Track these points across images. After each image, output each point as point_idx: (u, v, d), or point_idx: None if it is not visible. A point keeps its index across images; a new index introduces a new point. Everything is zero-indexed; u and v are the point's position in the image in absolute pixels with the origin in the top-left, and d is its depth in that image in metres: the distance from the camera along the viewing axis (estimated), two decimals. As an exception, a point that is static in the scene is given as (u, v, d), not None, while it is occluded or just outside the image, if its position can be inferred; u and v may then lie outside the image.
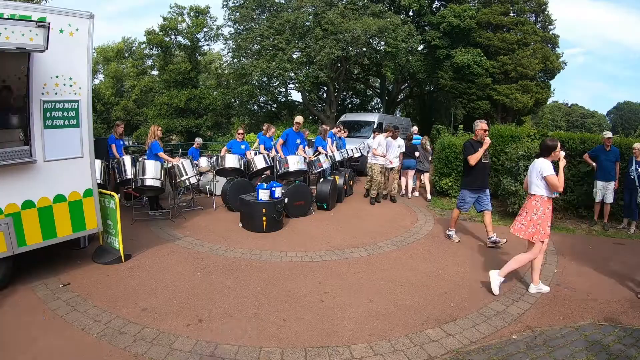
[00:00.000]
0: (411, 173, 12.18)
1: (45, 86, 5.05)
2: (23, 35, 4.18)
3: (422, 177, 12.28)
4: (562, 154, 5.08)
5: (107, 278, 5.46)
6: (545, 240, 4.97)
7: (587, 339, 3.90)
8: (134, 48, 42.07)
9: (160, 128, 9.41)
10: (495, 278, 5.12)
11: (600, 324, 4.27)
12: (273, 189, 7.93)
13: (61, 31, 5.09)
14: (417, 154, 11.97)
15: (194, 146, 12.08)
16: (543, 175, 4.88)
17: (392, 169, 11.49)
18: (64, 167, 5.34)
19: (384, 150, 10.77)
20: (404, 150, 11.68)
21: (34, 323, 4.23)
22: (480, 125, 7.16)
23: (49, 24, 4.38)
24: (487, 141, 7.00)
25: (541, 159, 5.02)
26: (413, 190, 12.47)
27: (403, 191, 12.25)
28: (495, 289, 5.07)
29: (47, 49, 4.39)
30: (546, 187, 4.91)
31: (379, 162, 10.72)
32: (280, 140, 9.99)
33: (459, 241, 7.48)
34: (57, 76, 5.15)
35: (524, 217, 5.03)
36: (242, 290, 5.13)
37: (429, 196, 11.71)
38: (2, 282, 4.99)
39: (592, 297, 5.02)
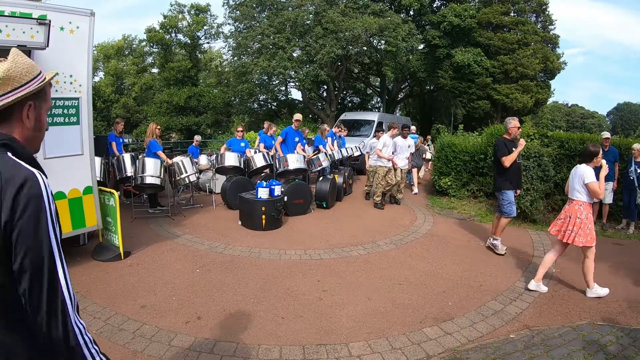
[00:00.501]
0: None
1: (46, 83, 5.04)
2: (24, 32, 4.20)
3: (413, 171, 13.17)
4: (604, 161, 5.07)
5: (107, 275, 5.47)
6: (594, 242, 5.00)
7: (585, 338, 3.91)
8: (134, 45, 42.01)
9: (159, 126, 9.40)
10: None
11: (598, 323, 4.28)
12: (272, 187, 7.95)
13: (62, 29, 5.10)
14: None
15: (193, 144, 12.09)
16: (585, 182, 4.88)
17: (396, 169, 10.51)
18: (64, 165, 5.34)
19: (390, 151, 10.16)
20: (413, 150, 11.63)
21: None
22: (513, 122, 6.70)
23: (50, 21, 4.39)
24: (522, 143, 6.56)
25: (583, 165, 5.04)
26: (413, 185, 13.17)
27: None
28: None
29: (47, 46, 4.40)
30: (587, 193, 4.93)
31: (384, 165, 10.07)
32: (280, 139, 10.00)
33: (505, 253, 6.74)
34: (57, 73, 5.14)
35: (571, 223, 5.00)
36: (241, 288, 5.14)
37: (415, 190, 12.85)
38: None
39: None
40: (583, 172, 4.94)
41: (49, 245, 1.39)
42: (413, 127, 16.55)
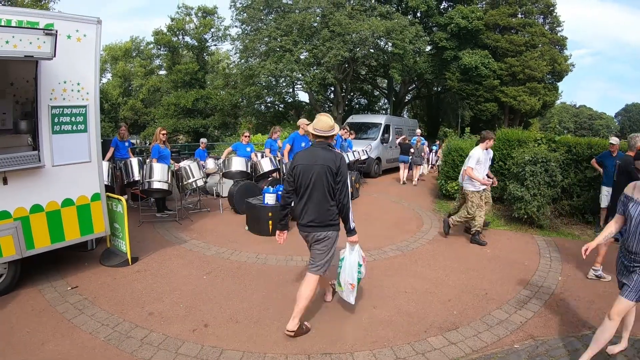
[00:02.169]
0: (406, 165, 15.82)
1: (53, 92, 5.11)
2: (31, 43, 4.23)
3: (414, 168, 16.00)
4: None
5: (114, 281, 5.53)
6: None
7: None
8: (141, 47, 42.29)
9: (164, 131, 9.42)
10: None
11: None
12: (279, 193, 7.97)
13: (69, 37, 5.15)
14: (412, 150, 15.52)
15: (200, 147, 12.14)
16: None
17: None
18: (72, 172, 5.39)
19: (483, 172, 7.73)
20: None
21: (43, 326, 4.28)
22: None
23: (56, 31, 4.42)
24: None
25: None
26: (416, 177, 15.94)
27: (404, 180, 15.79)
28: None
29: (54, 56, 4.43)
30: None
31: (477, 189, 7.58)
32: (288, 146, 9.99)
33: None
34: (65, 82, 5.20)
35: None
36: (247, 295, 5.18)
37: (414, 182, 15.80)
38: (10, 284, 5.06)
39: (596, 305, 4.99)
40: None
41: (346, 176, 4.10)
42: (418, 131, 17.09)
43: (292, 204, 4.42)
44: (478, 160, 7.47)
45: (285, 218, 4.50)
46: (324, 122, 4.20)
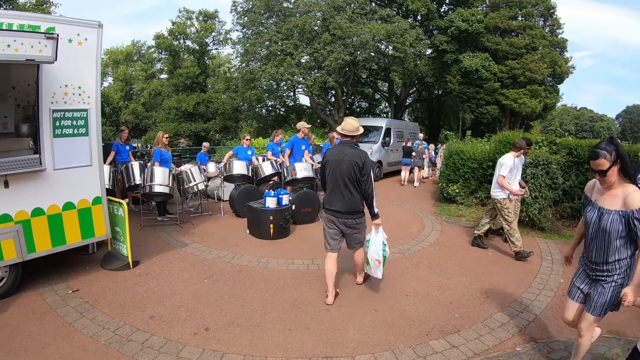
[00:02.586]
0: (408, 167, 16.52)
1: (55, 95, 5.12)
2: (32, 47, 4.24)
3: (416, 170, 16.57)
4: None
5: (115, 285, 5.52)
6: None
7: (591, 352, 3.86)
8: (143, 51, 42.40)
9: (166, 135, 9.44)
10: None
11: (605, 336, 4.22)
12: (280, 196, 7.98)
13: (70, 41, 5.16)
14: (413, 154, 16.25)
15: (201, 151, 12.15)
16: None
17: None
18: (73, 176, 5.40)
19: (515, 180, 7.22)
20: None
21: (43, 329, 4.28)
22: None
23: (58, 35, 4.43)
24: None
25: None
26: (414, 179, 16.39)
27: (405, 182, 16.45)
28: None
29: (56, 60, 4.44)
30: None
31: (505, 196, 7.09)
32: (287, 150, 10.01)
33: None
34: (66, 85, 5.22)
35: None
36: (248, 299, 5.17)
37: (416, 183, 16.27)
38: (11, 287, 5.07)
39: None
40: None
41: (370, 169, 4.82)
42: (421, 135, 17.48)
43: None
44: (510, 169, 6.98)
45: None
46: (350, 124, 4.98)
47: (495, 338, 4.24)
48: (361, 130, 5.11)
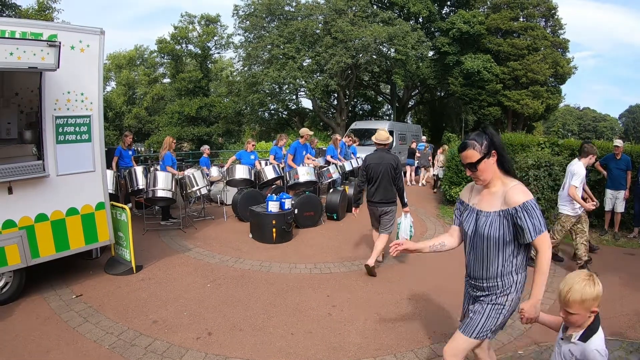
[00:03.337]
0: (412, 168, 17.31)
1: (57, 102, 5.16)
2: (35, 54, 4.27)
3: (421, 170, 17.27)
4: None
5: (119, 289, 5.55)
6: None
7: (594, 354, 3.88)
8: (145, 56, 42.52)
9: (174, 140, 9.54)
10: None
11: (607, 338, 4.19)
12: (283, 200, 7.99)
13: (72, 48, 5.19)
14: (418, 155, 17.05)
15: (204, 155, 12.19)
16: None
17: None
18: (76, 181, 5.43)
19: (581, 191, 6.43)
20: None
21: (47, 334, 4.31)
22: None
23: (60, 43, 4.47)
24: None
25: None
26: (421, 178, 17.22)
27: (412, 183, 17.08)
28: None
29: (58, 67, 4.47)
30: None
31: (574, 214, 6.42)
32: (290, 156, 10.05)
33: None
34: (68, 92, 5.25)
35: None
36: (251, 303, 5.19)
37: (422, 182, 17.07)
38: (16, 292, 5.10)
39: (600, 310, 4.95)
40: None
41: (401, 169, 6.30)
42: (423, 137, 17.71)
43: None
44: (582, 179, 6.24)
45: (360, 199, 6.66)
46: (382, 135, 6.42)
47: (497, 341, 4.21)
48: (390, 139, 6.80)
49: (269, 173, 10.17)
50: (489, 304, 2.66)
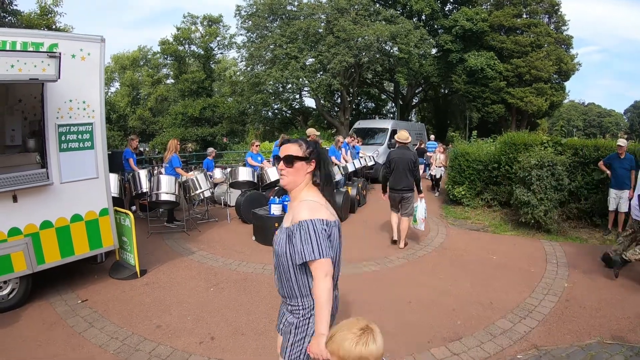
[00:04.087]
0: (422, 167, 15.54)
1: (60, 110, 5.22)
2: (35, 66, 4.32)
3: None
4: None
5: (123, 294, 5.61)
6: None
7: (593, 358, 3.90)
8: (149, 56, 42.62)
9: (179, 142, 9.63)
10: None
11: (607, 342, 4.23)
12: (285, 203, 8.03)
13: (73, 56, 5.24)
14: (429, 154, 16.86)
15: (208, 157, 12.26)
16: None
17: None
18: (80, 188, 5.49)
19: None
20: None
21: (54, 339, 4.37)
22: None
23: (60, 53, 4.52)
24: None
25: None
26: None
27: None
28: None
29: (59, 78, 4.52)
30: None
31: None
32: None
33: None
34: (70, 100, 5.31)
35: None
36: (253, 307, 5.23)
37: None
38: (22, 298, 5.18)
39: (601, 313, 4.98)
40: None
41: (418, 162, 7.88)
42: (432, 136, 17.67)
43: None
44: None
45: (387, 186, 8.02)
46: (403, 136, 7.78)
47: (497, 345, 4.25)
48: (410, 139, 7.95)
49: (272, 175, 10.21)
50: (289, 333, 2.36)
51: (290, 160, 2.36)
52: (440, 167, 14.05)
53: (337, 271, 2.45)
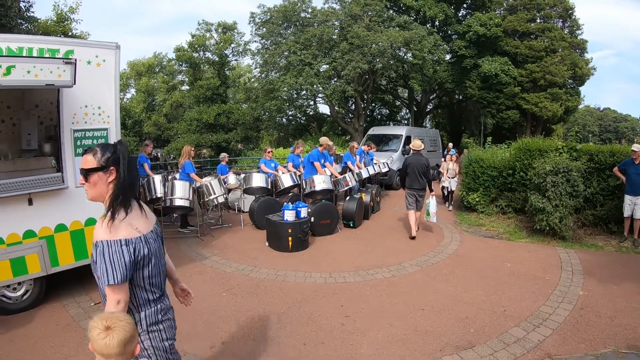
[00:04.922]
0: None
1: (75, 116, 5.30)
2: (51, 72, 4.39)
3: None
4: None
5: (136, 299, 5.62)
6: None
7: (609, 367, 3.84)
8: (164, 63, 43.00)
9: (193, 148, 9.71)
10: None
11: (622, 351, 4.14)
12: (299, 209, 8.04)
13: (89, 62, 5.32)
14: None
15: (221, 162, 12.32)
16: None
17: None
18: (95, 192, 5.53)
19: None
20: None
21: (67, 341, 4.41)
22: None
23: (76, 60, 4.59)
24: None
25: None
26: None
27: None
28: None
29: (74, 84, 4.58)
30: None
31: None
32: (316, 163, 10.02)
33: None
34: (86, 106, 5.39)
35: None
36: (265, 313, 5.23)
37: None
38: (36, 299, 5.25)
39: (617, 322, 4.89)
40: None
41: (429, 166, 9.54)
42: (450, 145, 17.69)
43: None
44: None
45: (404, 185, 9.20)
46: (416, 144, 9.21)
47: (510, 354, 4.18)
48: (422, 146, 9.56)
49: (286, 181, 10.22)
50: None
51: (84, 174, 2.15)
52: (453, 177, 12.81)
53: (162, 280, 2.45)
